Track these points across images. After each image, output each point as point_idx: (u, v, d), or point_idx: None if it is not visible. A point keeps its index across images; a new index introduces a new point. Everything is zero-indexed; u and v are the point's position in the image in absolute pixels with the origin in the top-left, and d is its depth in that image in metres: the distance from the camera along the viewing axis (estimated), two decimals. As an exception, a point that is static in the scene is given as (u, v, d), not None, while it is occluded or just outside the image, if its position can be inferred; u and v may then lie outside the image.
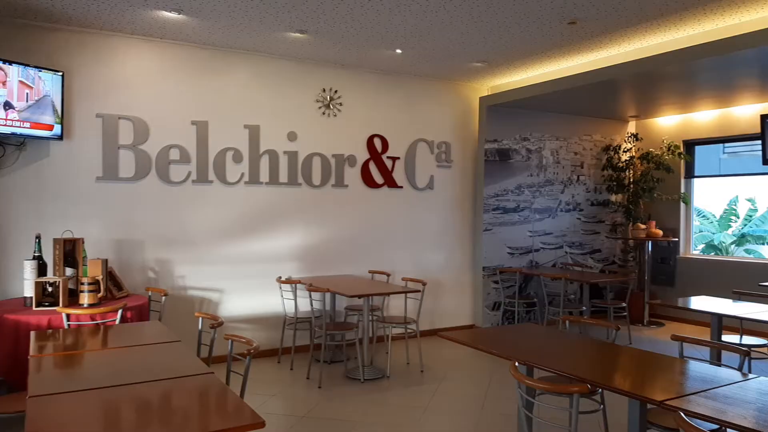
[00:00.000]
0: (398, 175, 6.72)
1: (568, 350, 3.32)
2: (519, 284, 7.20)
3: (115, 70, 5.27)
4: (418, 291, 5.39)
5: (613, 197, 8.23)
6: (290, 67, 6.07)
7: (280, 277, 5.86)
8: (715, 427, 2.57)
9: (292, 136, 6.08)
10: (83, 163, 5.15)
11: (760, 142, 6.66)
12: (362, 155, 6.50)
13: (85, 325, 3.74)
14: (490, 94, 7.27)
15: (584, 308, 6.61)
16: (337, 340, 5.95)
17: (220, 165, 5.71)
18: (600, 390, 3.24)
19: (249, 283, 5.87)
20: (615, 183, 7.99)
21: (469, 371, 5.57)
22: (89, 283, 4.16)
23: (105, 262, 4.54)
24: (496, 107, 7.13)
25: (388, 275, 6.22)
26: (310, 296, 5.21)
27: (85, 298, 4.13)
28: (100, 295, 4.28)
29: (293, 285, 5.62)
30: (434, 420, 4.29)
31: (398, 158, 6.72)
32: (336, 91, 6.32)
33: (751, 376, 2.71)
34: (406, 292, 5.38)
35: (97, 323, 3.89)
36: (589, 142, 8.04)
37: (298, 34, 5.24)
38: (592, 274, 7.33)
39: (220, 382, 2.39)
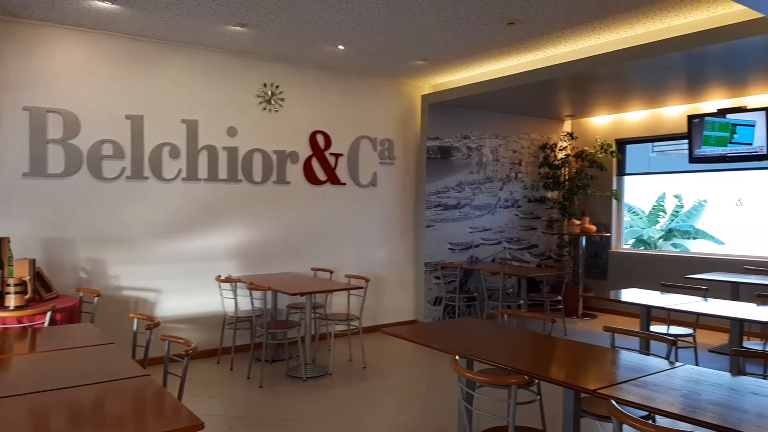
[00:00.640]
0: (341, 171, 6.70)
1: (507, 343, 3.40)
2: (460, 279, 7.33)
3: (44, 61, 5.01)
4: (361, 288, 5.39)
5: (549, 194, 8.49)
6: (230, 61, 5.95)
7: (220, 276, 5.74)
8: (645, 413, 2.70)
9: (231, 132, 5.96)
10: (9, 159, 4.88)
11: (686, 141, 7.03)
12: (305, 151, 6.44)
13: (11, 329, 3.55)
14: (432, 92, 7.36)
15: (522, 302, 6.79)
16: (278, 339, 5.89)
17: (156, 161, 5.54)
18: (537, 381, 3.34)
19: (187, 282, 5.72)
20: (551, 180, 8.24)
21: (412, 366, 5.62)
22: (15, 284, 3.95)
23: (32, 262, 4.32)
24: (438, 105, 7.22)
25: (331, 272, 6.20)
26: (251, 295, 5.13)
27: (11, 300, 3.93)
28: (27, 296, 4.07)
29: (233, 284, 5.51)
30: (377, 415, 4.31)
31: (341, 155, 6.70)
32: (277, 86, 6.23)
33: (677, 364, 2.85)
34: (349, 289, 5.37)
35: (24, 326, 3.70)
36: (527, 141, 8.26)
37: (238, 28, 5.14)
38: (529, 268, 7.53)
39: (156, 384, 2.32)
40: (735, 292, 5.80)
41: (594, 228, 7.92)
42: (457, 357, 2.77)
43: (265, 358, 5.39)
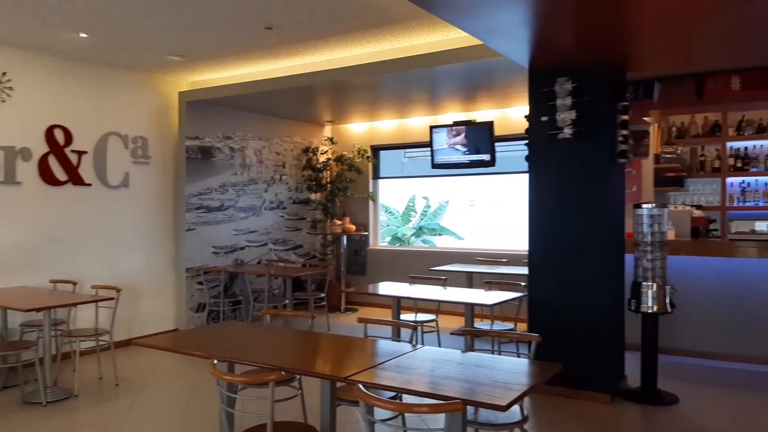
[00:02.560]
0: (86, 171, 6.07)
1: (270, 343, 3.44)
2: (224, 283, 7.17)
3: None
4: (112, 299, 4.96)
5: (312, 196, 8.77)
6: (-63, 38, 4.99)
7: (-72, 295, 4.78)
8: (394, 393, 2.96)
9: (-59, 123, 5.01)
10: None
11: (430, 148, 7.86)
12: (40, 148, 5.68)
13: None
14: (190, 89, 7.07)
15: (287, 301, 6.91)
16: (10, 363, 5.10)
17: None
18: (298, 376, 3.44)
19: None
20: (314, 182, 8.53)
21: (172, 377, 5.35)
22: None
23: None
24: (198, 103, 6.97)
25: (75, 284, 5.56)
26: (-28, 314, 4.37)
27: None
28: None
29: (-53, 303, 4.64)
30: (132, 434, 4.01)
31: (86, 152, 6.06)
32: (4, 74, 5.41)
33: (419, 346, 3.18)
34: (96, 301, 4.90)
35: None
36: (290, 144, 8.42)
37: (-53, 0, 4.35)
38: (294, 268, 7.70)
39: None
40: (469, 281, 6.65)
41: (354, 227, 8.41)
42: (215, 361, 2.72)
43: (-9, 386, 4.64)
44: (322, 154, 8.69)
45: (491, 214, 10.71)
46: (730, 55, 4.85)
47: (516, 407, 2.84)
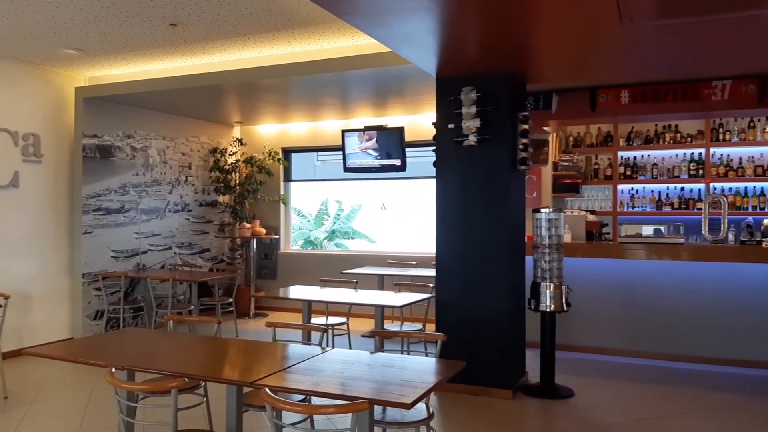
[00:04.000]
0: (-31, 170, 5.62)
1: (174, 349, 3.34)
2: (125, 289, 6.83)
3: None
4: (-1, 306, 4.61)
5: (220, 198, 8.55)
6: None
7: None
8: (303, 396, 2.95)
9: None
10: None
11: (342, 152, 7.89)
12: None
13: None
14: (88, 85, 6.70)
15: (192, 307, 6.69)
16: None
17: None
18: (203, 383, 3.35)
19: None
20: (222, 184, 8.32)
21: (66, 388, 5.04)
22: None
23: None
24: (96, 100, 6.62)
25: (-44, 291, 5.13)
26: None
27: None
28: None
29: None
30: (20, 451, 3.74)
31: (-31, 150, 5.61)
32: None
33: (328, 349, 3.20)
34: (-20, 309, 4.54)
35: None
36: (197, 144, 8.17)
37: None
38: (200, 273, 7.48)
39: None
40: (380, 283, 6.74)
41: (264, 231, 8.27)
42: (113, 370, 2.60)
43: None
44: (230, 155, 8.49)
45: (402, 217, 10.90)
46: (619, 70, 5.24)
47: (422, 405, 2.93)
